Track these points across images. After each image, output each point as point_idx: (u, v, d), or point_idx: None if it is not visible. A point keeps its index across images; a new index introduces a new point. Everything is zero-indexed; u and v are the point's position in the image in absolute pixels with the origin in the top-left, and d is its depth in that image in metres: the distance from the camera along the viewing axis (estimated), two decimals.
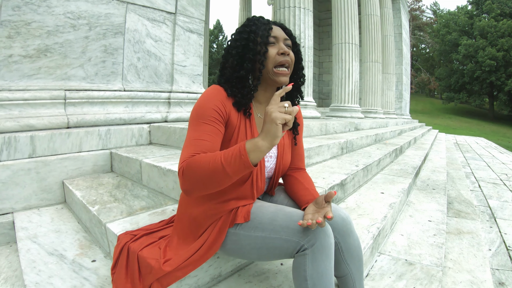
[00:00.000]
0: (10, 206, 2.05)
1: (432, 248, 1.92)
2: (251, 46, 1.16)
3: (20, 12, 2.37)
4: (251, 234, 1.08)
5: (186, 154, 1.03)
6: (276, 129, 0.90)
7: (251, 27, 1.19)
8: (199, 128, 1.08)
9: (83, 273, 1.38)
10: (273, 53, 1.16)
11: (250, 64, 1.16)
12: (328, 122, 4.86)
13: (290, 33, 1.26)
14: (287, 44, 1.22)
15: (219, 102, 1.13)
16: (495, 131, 27.50)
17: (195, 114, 1.12)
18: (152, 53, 3.23)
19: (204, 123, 1.09)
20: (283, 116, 0.90)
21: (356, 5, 7.65)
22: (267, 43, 1.16)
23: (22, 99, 2.36)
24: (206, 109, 1.10)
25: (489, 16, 36.02)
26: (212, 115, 1.10)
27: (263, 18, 1.24)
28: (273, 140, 0.91)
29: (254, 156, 0.92)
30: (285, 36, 1.21)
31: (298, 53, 1.27)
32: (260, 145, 0.91)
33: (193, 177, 0.99)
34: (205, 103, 1.12)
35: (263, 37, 1.16)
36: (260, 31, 1.17)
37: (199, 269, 1.21)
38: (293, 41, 1.26)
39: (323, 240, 0.98)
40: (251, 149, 0.92)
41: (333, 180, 2.31)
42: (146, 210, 1.72)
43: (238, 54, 1.18)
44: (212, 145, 1.07)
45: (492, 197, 4.62)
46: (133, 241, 1.20)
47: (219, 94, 1.15)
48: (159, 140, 2.93)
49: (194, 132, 1.08)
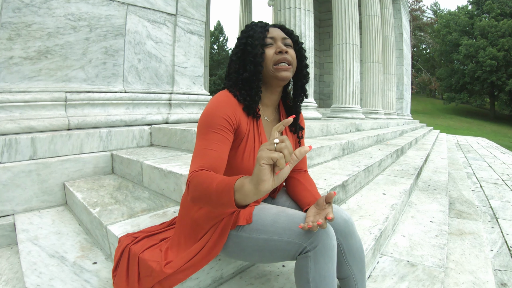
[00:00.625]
0: (11, 208, 2.04)
1: (434, 249, 1.91)
2: (249, 49, 1.17)
3: (20, 14, 2.37)
4: (253, 236, 1.08)
5: (194, 166, 1.04)
6: (259, 171, 0.75)
7: (248, 32, 1.21)
8: (207, 137, 1.08)
9: (84, 275, 1.37)
10: (270, 53, 1.18)
11: (252, 66, 1.16)
12: (329, 123, 4.86)
13: (290, 32, 1.27)
14: (286, 43, 1.22)
15: (229, 110, 1.13)
16: (496, 131, 27.47)
17: (204, 122, 1.12)
18: (152, 54, 3.23)
19: (213, 132, 1.09)
20: (269, 155, 0.74)
21: (356, 6, 7.65)
22: (263, 44, 1.18)
23: (22, 101, 2.36)
24: (215, 117, 1.10)
25: (489, 16, 35.96)
26: (221, 123, 1.10)
27: (261, 22, 1.25)
28: (258, 185, 0.76)
29: (239, 197, 0.82)
30: (283, 36, 1.22)
31: (300, 51, 1.27)
32: (245, 189, 0.79)
33: (195, 192, 0.97)
34: (215, 111, 1.12)
35: (259, 39, 1.17)
36: (257, 34, 1.18)
37: (201, 271, 1.21)
38: (294, 40, 1.26)
39: (326, 242, 0.98)
40: (238, 188, 0.82)
41: (335, 181, 2.31)
42: (147, 212, 1.72)
43: (239, 59, 1.20)
44: (218, 154, 1.07)
45: (494, 197, 4.61)
46: (134, 243, 1.20)
47: (229, 101, 1.15)
48: (160, 142, 2.93)
49: (202, 141, 1.08)
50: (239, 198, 0.82)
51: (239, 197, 0.82)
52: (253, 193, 0.78)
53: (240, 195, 0.81)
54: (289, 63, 1.19)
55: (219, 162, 1.07)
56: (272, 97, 1.28)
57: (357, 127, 5.93)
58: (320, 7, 13.80)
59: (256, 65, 1.16)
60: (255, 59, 1.16)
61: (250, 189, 0.78)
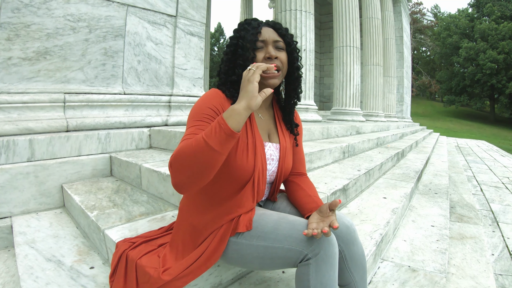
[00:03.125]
0: (9, 210, 2.03)
1: (435, 254, 1.90)
2: (239, 52, 1.15)
3: (19, 14, 2.36)
4: (253, 243, 1.06)
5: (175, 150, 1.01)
6: (252, 87, 0.91)
7: (240, 32, 1.18)
8: (193, 125, 1.07)
9: (81, 280, 1.35)
10: (260, 57, 1.16)
11: (241, 70, 1.14)
12: (330, 125, 4.84)
13: (283, 33, 1.22)
14: (277, 46, 1.19)
15: (217, 102, 1.12)
16: (496, 134, 27.48)
17: (191, 114, 1.12)
18: (152, 56, 3.21)
19: (199, 120, 1.08)
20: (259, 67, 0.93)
21: (357, 8, 7.65)
22: (254, 48, 1.16)
23: (21, 102, 2.34)
24: (202, 108, 1.10)
25: (489, 19, 36.11)
26: (207, 113, 1.09)
27: (255, 20, 1.21)
28: (250, 100, 0.91)
29: (233, 121, 0.90)
30: (274, 38, 1.18)
31: (292, 53, 1.24)
32: (235, 108, 0.91)
33: (180, 165, 0.95)
34: (202, 104, 1.12)
35: (251, 42, 1.15)
36: (249, 36, 1.15)
37: (199, 277, 1.19)
38: (287, 41, 1.23)
39: (327, 249, 0.96)
40: (228, 116, 0.91)
41: (335, 185, 2.29)
42: (146, 216, 1.70)
43: (229, 60, 1.19)
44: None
45: (494, 201, 4.60)
46: (131, 249, 1.18)
47: (217, 96, 1.14)
48: (159, 144, 2.91)
49: (187, 130, 1.07)
50: (233, 122, 0.90)
51: (232, 121, 0.90)
52: (244, 108, 0.91)
53: (232, 120, 0.91)
54: (278, 69, 1.17)
55: None
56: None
57: (358, 130, 5.91)
58: (320, 9, 13.83)
59: (244, 69, 1.13)
60: (245, 63, 1.14)
61: (241, 105, 0.91)
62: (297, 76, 1.28)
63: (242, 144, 1.14)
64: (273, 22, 1.24)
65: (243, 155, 1.13)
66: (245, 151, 1.14)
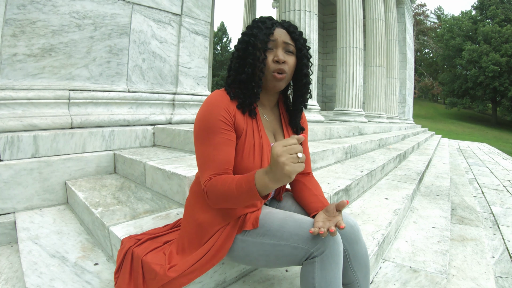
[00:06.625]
0: (12, 206, 2.04)
1: (436, 255, 1.90)
2: (250, 50, 1.13)
3: (25, 10, 2.36)
4: (259, 241, 1.07)
5: (205, 174, 1.06)
6: (289, 180, 0.87)
7: (253, 30, 1.15)
8: (210, 142, 1.07)
9: (85, 276, 1.36)
10: (270, 59, 1.13)
11: (251, 69, 1.13)
12: (332, 126, 4.85)
13: (296, 37, 1.18)
14: (288, 49, 1.16)
15: (223, 109, 1.09)
16: (498, 137, 27.42)
17: (201, 127, 1.10)
18: (157, 54, 3.22)
19: (214, 136, 1.07)
20: (296, 169, 0.84)
21: (361, 9, 7.63)
22: (265, 49, 1.12)
23: (25, 98, 2.35)
24: (211, 121, 1.08)
25: (493, 21, 35.99)
26: (219, 126, 1.07)
27: (270, 19, 1.17)
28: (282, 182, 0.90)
29: (264, 192, 0.93)
30: (285, 40, 1.15)
31: (302, 59, 1.20)
32: (269, 186, 0.90)
33: (215, 198, 1.03)
34: (209, 115, 1.09)
35: (262, 42, 1.12)
36: (261, 35, 1.12)
37: (204, 274, 1.19)
38: (299, 46, 1.19)
39: (333, 248, 0.97)
40: (261, 188, 0.92)
41: (338, 185, 2.30)
42: (150, 214, 1.71)
43: (240, 57, 1.16)
44: (225, 157, 1.08)
45: (495, 203, 4.60)
46: (137, 246, 1.19)
47: (222, 100, 1.11)
48: (163, 142, 2.92)
49: (206, 147, 1.07)
50: (263, 192, 0.93)
51: (263, 192, 0.93)
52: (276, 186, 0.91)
53: (263, 192, 0.93)
54: (282, 72, 1.14)
55: (228, 164, 1.07)
56: (269, 98, 1.26)
57: (360, 131, 5.91)
58: (324, 9, 13.81)
59: (254, 69, 1.13)
60: (255, 63, 1.12)
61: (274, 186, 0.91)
62: (305, 82, 1.24)
63: (249, 145, 1.14)
64: (288, 24, 1.19)
65: (250, 156, 1.14)
66: (251, 152, 1.14)
